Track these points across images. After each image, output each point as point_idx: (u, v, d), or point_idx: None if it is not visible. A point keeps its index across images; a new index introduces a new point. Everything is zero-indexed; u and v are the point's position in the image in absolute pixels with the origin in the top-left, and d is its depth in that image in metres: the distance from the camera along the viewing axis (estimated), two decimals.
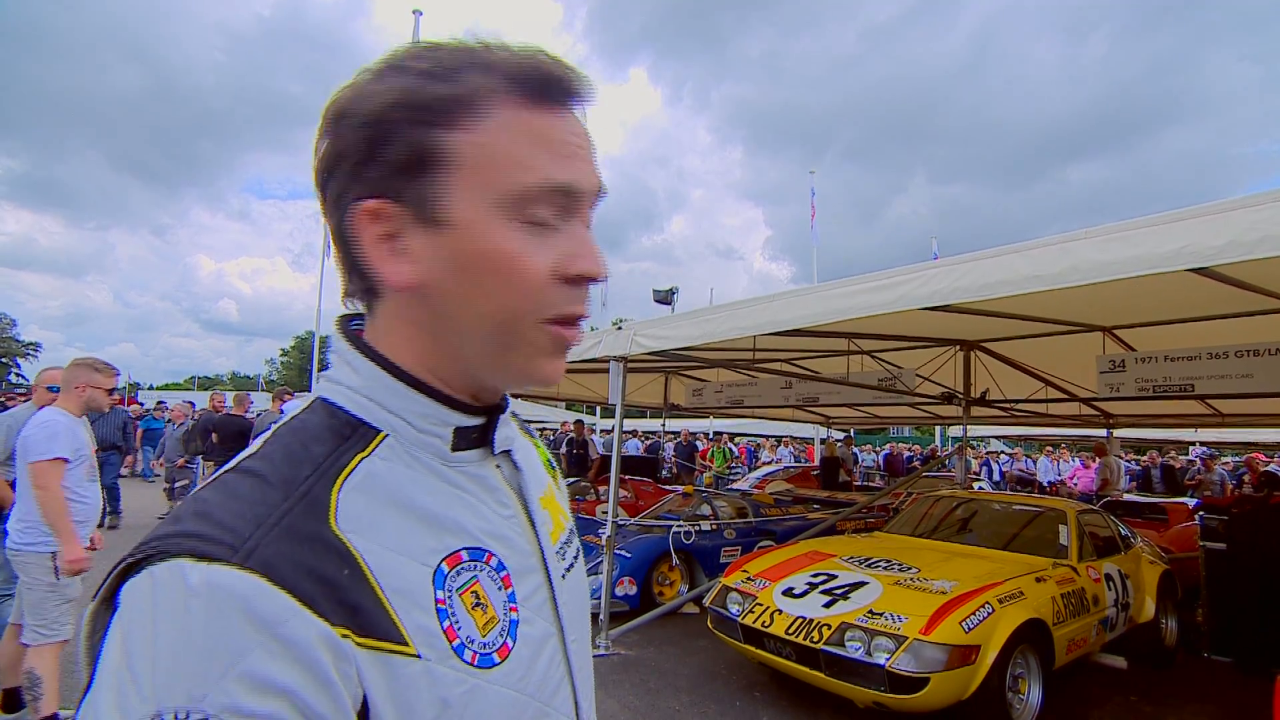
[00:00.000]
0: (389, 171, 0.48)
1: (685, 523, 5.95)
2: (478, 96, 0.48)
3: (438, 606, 0.47)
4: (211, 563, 0.39)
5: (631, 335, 4.78)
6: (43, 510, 2.78)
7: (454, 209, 0.48)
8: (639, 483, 9.39)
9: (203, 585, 0.38)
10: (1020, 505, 5.14)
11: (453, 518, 0.51)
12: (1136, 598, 4.59)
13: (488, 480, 0.56)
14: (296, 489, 0.45)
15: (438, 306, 0.51)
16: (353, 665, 0.42)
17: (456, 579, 0.49)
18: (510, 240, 0.48)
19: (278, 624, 0.39)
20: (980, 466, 15.45)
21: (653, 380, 10.07)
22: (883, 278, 3.54)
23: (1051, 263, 2.81)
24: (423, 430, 0.52)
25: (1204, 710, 3.95)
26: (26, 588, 2.84)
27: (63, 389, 2.96)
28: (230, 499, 0.44)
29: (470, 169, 0.48)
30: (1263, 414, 8.20)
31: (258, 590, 0.39)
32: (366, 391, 0.52)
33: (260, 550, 0.40)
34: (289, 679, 0.38)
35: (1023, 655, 3.46)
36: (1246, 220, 2.29)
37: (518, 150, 0.48)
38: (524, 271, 0.49)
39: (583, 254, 0.51)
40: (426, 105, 0.48)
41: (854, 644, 3.29)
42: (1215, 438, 11.45)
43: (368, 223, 0.49)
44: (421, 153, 0.48)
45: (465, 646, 0.48)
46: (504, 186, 0.48)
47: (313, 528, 0.44)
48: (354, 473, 0.48)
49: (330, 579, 0.42)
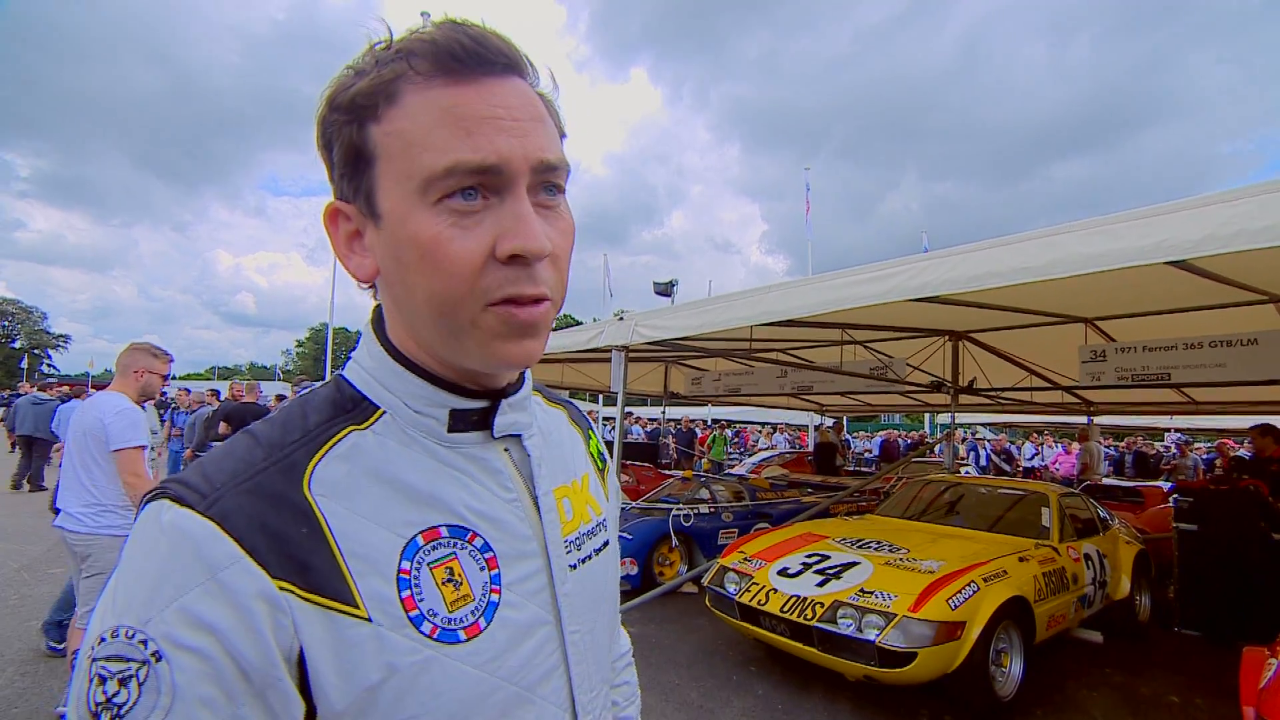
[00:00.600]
0: (340, 173, 0.51)
1: (684, 506, 6.05)
2: (393, 85, 0.47)
3: (399, 576, 0.48)
4: (182, 506, 0.44)
5: (633, 326, 4.85)
6: (135, 495, 2.76)
7: (382, 201, 0.49)
8: (640, 468, 9.52)
9: (170, 525, 0.43)
10: (1005, 489, 5.28)
11: (437, 494, 0.52)
12: (1113, 576, 4.76)
13: (490, 462, 0.56)
14: (280, 451, 0.49)
15: (394, 295, 0.52)
16: (289, 617, 0.43)
17: (430, 553, 0.50)
18: (430, 226, 0.47)
19: (218, 568, 0.42)
20: (968, 452, 15.72)
21: (653, 369, 10.17)
22: (875, 270, 3.59)
23: (1037, 255, 2.86)
24: (418, 410, 0.54)
25: (1174, 680, 4.12)
26: (93, 572, 2.79)
27: (120, 373, 2.91)
28: (225, 456, 0.48)
29: (389, 159, 0.48)
30: (1234, 401, 8.43)
31: (209, 536, 0.43)
32: (373, 372, 0.55)
33: (221, 502, 0.44)
34: (218, 619, 0.41)
35: (1005, 631, 3.59)
36: (1223, 215, 2.34)
37: (425, 133, 0.46)
38: (448, 258, 0.47)
39: (514, 231, 0.47)
40: (350, 103, 0.48)
41: (846, 621, 3.40)
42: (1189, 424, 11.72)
43: (334, 223, 0.53)
44: (355, 150, 0.49)
45: (425, 618, 0.48)
46: (415, 172, 0.47)
47: (281, 488, 0.47)
48: (340, 442, 0.51)
49: (283, 535, 0.45)
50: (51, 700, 3.19)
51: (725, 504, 6.52)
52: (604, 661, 0.63)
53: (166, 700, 0.40)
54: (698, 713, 3.52)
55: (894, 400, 11.21)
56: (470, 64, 0.47)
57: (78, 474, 2.81)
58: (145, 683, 0.41)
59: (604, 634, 0.64)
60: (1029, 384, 7.54)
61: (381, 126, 0.48)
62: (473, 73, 0.48)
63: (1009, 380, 7.58)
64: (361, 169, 0.49)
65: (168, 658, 0.41)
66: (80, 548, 2.80)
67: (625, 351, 5.07)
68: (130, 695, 0.40)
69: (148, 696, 0.40)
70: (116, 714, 0.40)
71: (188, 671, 0.41)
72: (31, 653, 3.74)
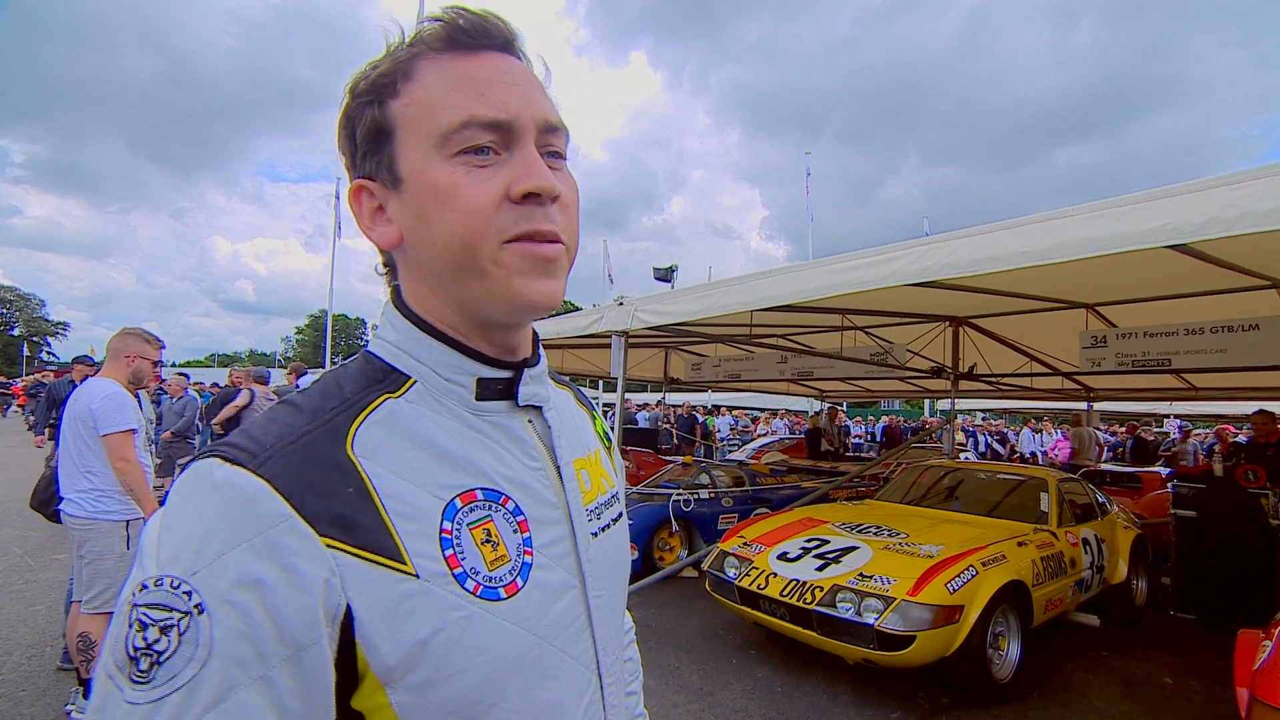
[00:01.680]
0: (363, 152, 0.55)
1: (685, 491, 6.08)
2: (410, 64, 0.53)
3: (442, 535, 0.50)
4: (234, 465, 0.46)
5: (632, 311, 4.84)
6: (124, 480, 2.77)
7: (402, 166, 0.53)
8: (640, 453, 9.56)
9: (222, 481, 0.45)
10: (1004, 474, 5.30)
11: (471, 459, 0.55)
12: (1110, 560, 4.79)
13: (515, 431, 0.59)
14: (322, 417, 0.51)
15: (415, 255, 0.55)
16: (337, 576, 0.45)
17: (469, 515, 0.53)
18: (448, 175, 0.51)
19: (269, 526, 0.44)
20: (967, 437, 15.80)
21: (653, 355, 10.19)
22: (875, 254, 3.57)
23: (1038, 239, 2.84)
24: (448, 379, 0.56)
25: (1169, 663, 4.16)
26: (94, 557, 2.80)
27: (111, 357, 2.90)
28: (269, 422, 0.50)
29: (408, 127, 0.53)
30: (1234, 387, 8.44)
31: (261, 493, 0.45)
32: (400, 344, 0.57)
33: (272, 461, 0.46)
34: (265, 576, 0.43)
35: (1003, 615, 3.62)
36: (1226, 198, 2.33)
37: (441, 96, 0.52)
38: (467, 199, 0.51)
39: (525, 174, 0.52)
40: (371, 86, 0.54)
41: (845, 605, 3.42)
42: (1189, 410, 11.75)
43: (358, 201, 0.57)
44: (377, 126, 0.53)
45: (468, 576, 0.50)
46: (434, 130, 0.51)
47: (327, 450, 0.49)
48: (378, 409, 0.53)
49: (331, 493, 0.47)
50: (59, 685, 3.23)
51: (725, 489, 6.55)
52: (620, 628, 0.67)
53: (204, 654, 0.42)
54: (698, 695, 3.56)
55: (894, 386, 11.24)
56: (477, 37, 0.53)
57: (74, 460, 2.82)
58: (185, 633, 0.42)
59: (620, 601, 0.67)
60: (1029, 370, 7.54)
61: (400, 100, 0.53)
62: (479, 46, 0.54)
63: (1009, 366, 7.59)
64: (384, 143, 0.54)
65: (210, 611, 0.42)
66: (79, 532, 2.81)
67: (625, 337, 5.07)
68: (170, 644, 0.42)
69: (186, 647, 0.42)
70: (156, 660, 0.42)
71: (226, 627, 0.42)
72: (38, 636, 3.78)
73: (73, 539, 2.87)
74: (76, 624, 2.88)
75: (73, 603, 3.03)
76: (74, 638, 2.89)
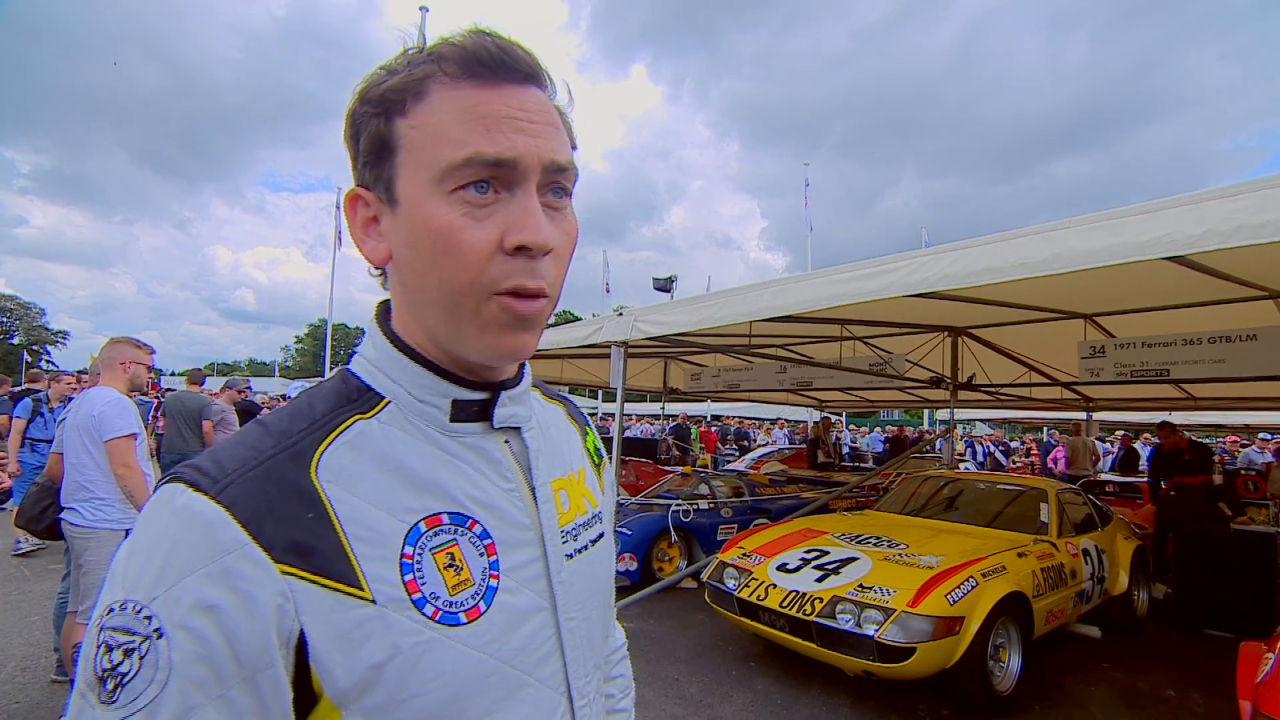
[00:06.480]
0: (364, 161, 0.54)
1: (684, 502, 6.08)
2: (423, 83, 0.51)
3: (403, 560, 0.50)
4: (195, 491, 0.46)
5: (632, 321, 4.84)
6: (125, 486, 2.76)
7: (401, 188, 0.52)
8: (639, 463, 9.54)
9: (182, 508, 0.46)
10: (1004, 484, 5.29)
11: (439, 482, 0.54)
12: (1111, 571, 4.78)
13: (490, 453, 0.58)
14: (288, 440, 0.50)
15: (403, 280, 0.55)
16: (290, 601, 0.45)
17: (432, 539, 0.52)
18: (446, 214, 0.50)
19: (224, 553, 0.44)
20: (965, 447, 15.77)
21: (652, 365, 10.18)
22: (874, 265, 3.57)
23: (1036, 251, 2.85)
24: (422, 400, 0.55)
25: (1171, 675, 4.14)
26: (91, 566, 2.79)
27: (106, 367, 2.92)
28: (237, 444, 0.50)
29: (411, 150, 0.51)
30: (1233, 397, 8.44)
31: (218, 520, 0.45)
32: (377, 363, 0.57)
33: (232, 488, 0.46)
34: (219, 602, 0.44)
35: (1004, 626, 3.60)
36: (1223, 210, 2.34)
37: (447, 127, 0.50)
38: (462, 245, 0.50)
39: (521, 225, 0.50)
40: (381, 97, 0.52)
41: (845, 616, 3.41)
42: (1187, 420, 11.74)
43: (353, 208, 0.56)
44: (380, 141, 0.52)
45: (427, 601, 0.50)
46: (436, 162, 0.50)
47: (290, 474, 0.49)
48: (347, 430, 0.52)
49: (289, 519, 0.47)
50: (54, 697, 3.20)
51: (724, 500, 6.54)
52: (598, 649, 0.65)
53: (163, 675, 0.43)
54: (697, 707, 3.53)
55: (893, 396, 11.22)
56: (495, 69, 0.51)
57: (74, 471, 2.82)
58: (145, 656, 0.43)
59: (598, 623, 0.66)
60: (1028, 380, 7.55)
61: (407, 120, 0.51)
62: (496, 78, 0.51)
63: (1008, 376, 7.59)
64: (384, 158, 0.52)
65: (168, 636, 0.43)
66: (79, 541, 2.81)
67: (624, 347, 5.07)
68: (132, 666, 0.43)
69: (146, 670, 0.43)
70: (119, 682, 0.43)
71: (184, 651, 0.43)
72: (32, 648, 3.76)
73: (73, 548, 2.86)
74: (71, 635, 2.87)
75: (66, 614, 3.02)
76: (69, 649, 2.88)
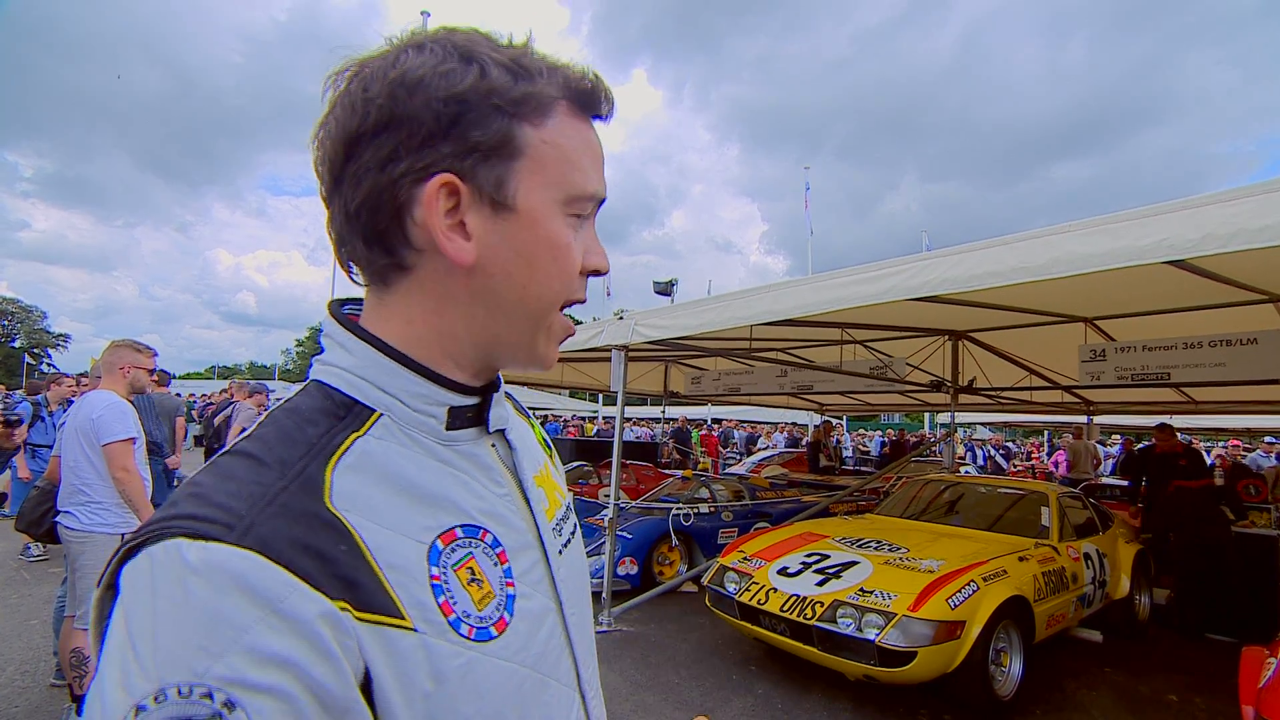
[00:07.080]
0: (465, 150, 0.49)
1: (684, 505, 6.07)
2: (547, 100, 0.52)
3: (432, 582, 0.48)
4: (209, 541, 0.39)
5: (632, 325, 4.84)
6: (124, 491, 2.75)
7: (521, 197, 0.51)
8: (639, 467, 9.53)
9: (201, 563, 0.39)
10: (1005, 488, 5.29)
11: (447, 496, 0.52)
12: (1113, 575, 4.78)
13: (482, 459, 0.56)
14: (292, 468, 0.45)
15: (487, 285, 0.52)
16: (353, 638, 0.42)
17: (451, 555, 0.50)
18: (564, 232, 0.53)
19: (277, 600, 0.39)
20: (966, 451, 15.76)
21: (653, 369, 10.19)
22: (874, 269, 3.58)
23: (1036, 255, 2.86)
24: (417, 410, 0.52)
25: (1173, 680, 4.13)
26: (88, 571, 2.77)
27: (106, 371, 2.90)
28: (226, 481, 0.44)
29: (537, 162, 0.51)
30: (1234, 401, 8.44)
31: (256, 566, 0.39)
32: (360, 371, 0.52)
33: (257, 528, 0.41)
34: (292, 652, 0.39)
35: (1005, 630, 3.60)
36: (1222, 215, 2.36)
37: (578, 155, 0.53)
38: (572, 262, 0.54)
39: (595, 251, 0.57)
40: (512, 97, 0.50)
41: (845, 620, 3.40)
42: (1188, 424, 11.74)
43: (440, 196, 0.49)
44: (503, 139, 0.50)
45: (461, 621, 0.48)
46: (565, 184, 0.53)
47: (309, 506, 0.44)
48: (348, 452, 0.48)
49: (328, 555, 0.42)
50: (52, 701, 3.20)
51: (725, 503, 6.53)
52: (593, 639, 0.66)
53: None
54: (698, 712, 3.52)
55: (894, 400, 11.23)
56: (602, 112, 0.56)
57: (71, 474, 2.82)
58: None
59: (590, 613, 0.67)
60: (1029, 383, 7.55)
61: (539, 133, 0.52)
62: (599, 116, 0.56)
63: (1009, 380, 7.59)
64: (503, 159, 0.50)
65: (242, 705, 0.37)
66: (75, 545, 2.80)
67: (625, 351, 5.07)
68: None
69: None
70: None
71: (266, 714, 0.37)
72: (32, 652, 3.75)
73: (69, 552, 2.85)
74: (70, 639, 2.86)
75: (65, 618, 3.01)
76: (66, 653, 2.87)
